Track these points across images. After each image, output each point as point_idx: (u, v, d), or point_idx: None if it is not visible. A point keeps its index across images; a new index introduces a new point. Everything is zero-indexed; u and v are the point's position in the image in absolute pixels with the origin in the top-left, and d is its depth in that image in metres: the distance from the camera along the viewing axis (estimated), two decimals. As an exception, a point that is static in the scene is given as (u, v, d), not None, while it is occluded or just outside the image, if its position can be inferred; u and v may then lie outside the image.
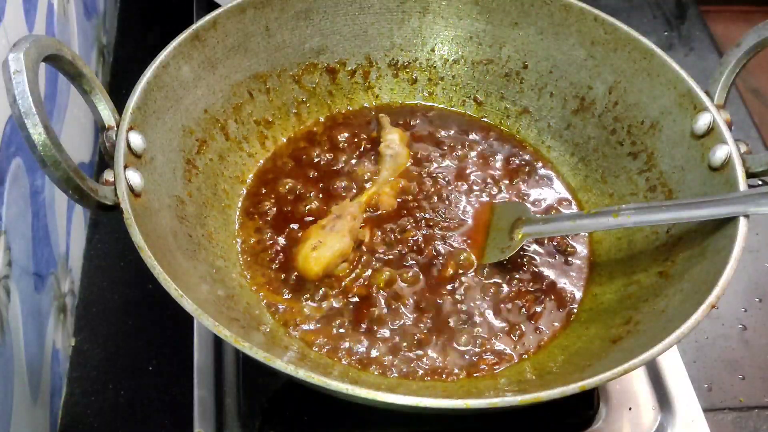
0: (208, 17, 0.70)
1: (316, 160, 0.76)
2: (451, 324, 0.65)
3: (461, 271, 0.68)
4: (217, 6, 0.72)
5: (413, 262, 0.68)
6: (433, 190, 0.74)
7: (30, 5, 0.67)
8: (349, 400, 0.50)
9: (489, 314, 0.66)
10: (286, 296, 0.66)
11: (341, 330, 0.64)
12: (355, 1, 0.79)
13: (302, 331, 0.63)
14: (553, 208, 0.75)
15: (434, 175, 0.76)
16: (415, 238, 0.70)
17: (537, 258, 0.70)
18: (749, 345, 0.79)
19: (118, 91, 0.88)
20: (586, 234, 0.72)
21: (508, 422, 0.65)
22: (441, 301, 0.66)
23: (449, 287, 0.67)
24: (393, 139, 0.77)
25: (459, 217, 0.72)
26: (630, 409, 0.67)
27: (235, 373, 0.66)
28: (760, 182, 0.64)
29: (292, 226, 0.71)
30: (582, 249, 0.71)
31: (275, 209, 0.72)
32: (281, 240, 0.69)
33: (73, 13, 0.85)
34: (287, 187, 0.74)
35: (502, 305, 0.66)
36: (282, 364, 0.49)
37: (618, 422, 0.66)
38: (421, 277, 0.67)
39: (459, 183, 0.75)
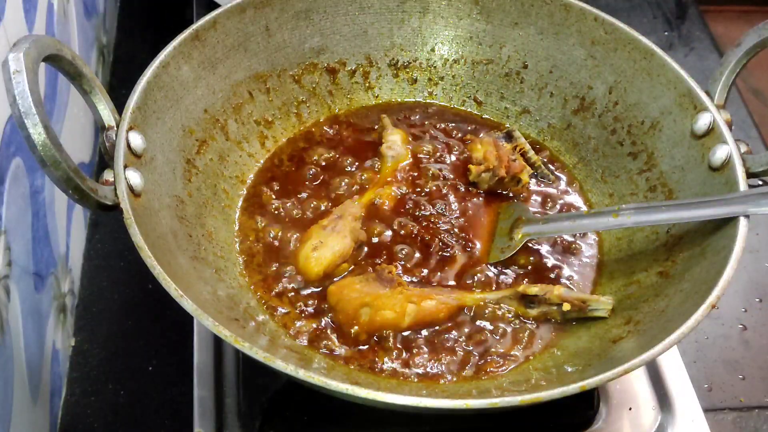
0: (208, 17, 0.70)
1: (316, 160, 0.76)
2: (457, 324, 0.64)
3: (467, 270, 0.68)
4: (217, 6, 0.72)
5: (416, 259, 0.69)
6: (435, 190, 0.74)
7: (30, 5, 0.67)
8: (349, 401, 0.50)
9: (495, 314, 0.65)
10: (286, 296, 0.66)
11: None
12: (355, 1, 0.79)
13: (302, 331, 0.63)
14: (555, 208, 0.75)
15: (436, 175, 0.76)
16: (417, 238, 0.70)
17: (544, 258, 0.70)
18: (749, 345, 0.79)
19: (118, 91, 0.88)
20: (595, 236, 0.72)
21: (508, 422, 0.65)
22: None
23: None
24: (395, 140, 0.77)
25: (461, 217, 0.72)
26: (630, 409, 0.67)
27: (235, 373, 0.66)
28: (760, 182, 0.64)
29: (293, 226, 0.71)
30: (591, 250, 0.71)
31: (275, 209, 0.72)
32: (281, 240, 0.69)
33: (73, 13, 0.85)
34: (287, 187, 0.74)
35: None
36: (282, 364, 0.49)
37: (618, 422, 0.66)
38: (425, 274, 0.67)
39: (461, 183, 0.75)
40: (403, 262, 0.68)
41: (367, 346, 0.62)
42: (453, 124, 0.81)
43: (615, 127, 0.75)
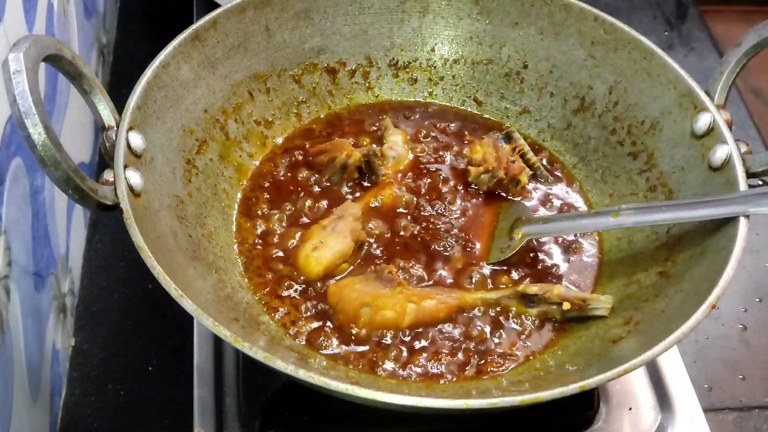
0: (208, 17, 0.70)
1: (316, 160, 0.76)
2: (457, 324, 0.64)
3: (467, 269, 0.68)
4: (217, 6, 0.72)
5: (416, 259, 0.68)
6: (435, 190, 0.74)
7: (30, 5, 0.67)
8: (349, 401, 0.50)
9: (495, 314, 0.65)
10: (286, 296, 0.66)
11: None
12: (355, 1, 0.79)
13: (302, 331, 0.63)
14: (555, 208, 0.75)
15: (437, 175, 0.76)
16: (417, 238, 0.70)
17: (544, 257, 0.70)
18: (749, 345, 0.79)
19: (118, 91, 0.88)
20: (595, 236, 0.72)
21: (508, 422, 0.65)
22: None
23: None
24: (396, 141, 0.77)
25: (461, 217, 0.72)
26: (630, 409, 0.67)
27: (235, 373, 0.66)
28: (760, 182, 0.64)
29: (292, 226, 0.71)
30: (591, 249, 0.71)
31: (275, 209, 0.72)
32: (281, 240, 0.69)
33: (73, 13, 0.85)
34: (288, 187, 0.74)
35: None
36: (282, 364, 0.49)
37: (618, 422, 0.66)
38: (425, 274, 0.67)
39: (461, 183, 0.75)
40: (403, 262, 0.68)
41: (367, 346, 0.62)
42: (453, 124, 0.81)
43: (615, 127, 0.75)
